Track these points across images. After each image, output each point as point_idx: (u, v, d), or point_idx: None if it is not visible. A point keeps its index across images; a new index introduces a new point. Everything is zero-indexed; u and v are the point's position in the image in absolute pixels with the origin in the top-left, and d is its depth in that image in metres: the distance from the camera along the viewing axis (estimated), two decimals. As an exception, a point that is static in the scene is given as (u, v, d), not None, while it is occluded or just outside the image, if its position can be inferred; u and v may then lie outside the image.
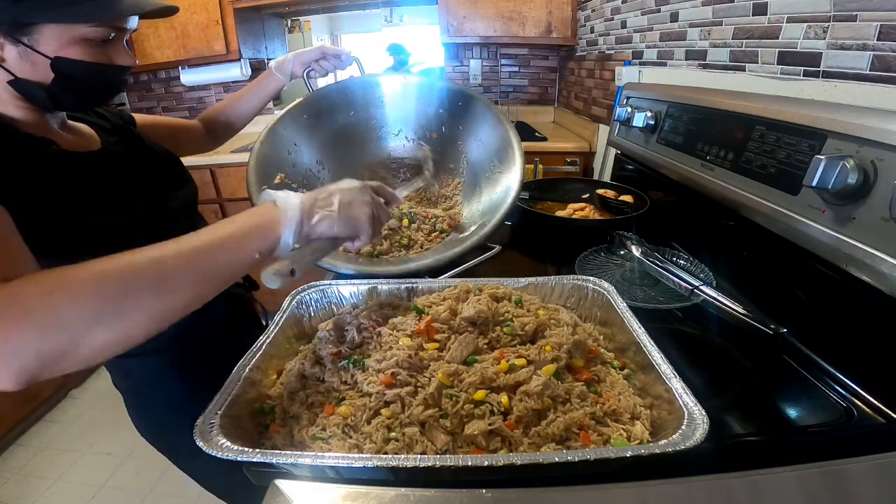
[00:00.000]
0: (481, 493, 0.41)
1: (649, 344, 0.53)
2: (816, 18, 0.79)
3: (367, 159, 1.11)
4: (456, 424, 0.47)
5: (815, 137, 0.65)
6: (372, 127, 1.12)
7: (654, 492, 0.43)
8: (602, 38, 1.88)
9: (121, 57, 0.63)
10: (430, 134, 1.11)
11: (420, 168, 1.05)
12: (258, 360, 0.55)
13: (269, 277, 0.48)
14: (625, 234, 0.91)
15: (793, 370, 0.62)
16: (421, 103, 1.10)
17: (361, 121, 1.11)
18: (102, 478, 1.67)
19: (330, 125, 1.07)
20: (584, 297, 0.68)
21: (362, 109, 1.10)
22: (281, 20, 2.85)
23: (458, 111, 1.07)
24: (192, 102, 2.79)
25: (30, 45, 0.55)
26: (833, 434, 0.53)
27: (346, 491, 0.43)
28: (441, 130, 1.10)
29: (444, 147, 1.09)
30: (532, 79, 2.73)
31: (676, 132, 1.03)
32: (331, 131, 1.08)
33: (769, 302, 0.70)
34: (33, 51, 0.55)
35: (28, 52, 0.55)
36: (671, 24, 1.29)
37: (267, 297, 0.94)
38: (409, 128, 1.12)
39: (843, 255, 0.60)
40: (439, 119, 1.09)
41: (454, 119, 1.08)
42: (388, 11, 3.56)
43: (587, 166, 2.04)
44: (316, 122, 1.05)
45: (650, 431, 0.47)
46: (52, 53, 0.56)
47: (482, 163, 1.03)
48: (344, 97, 1.09)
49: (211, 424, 0.44)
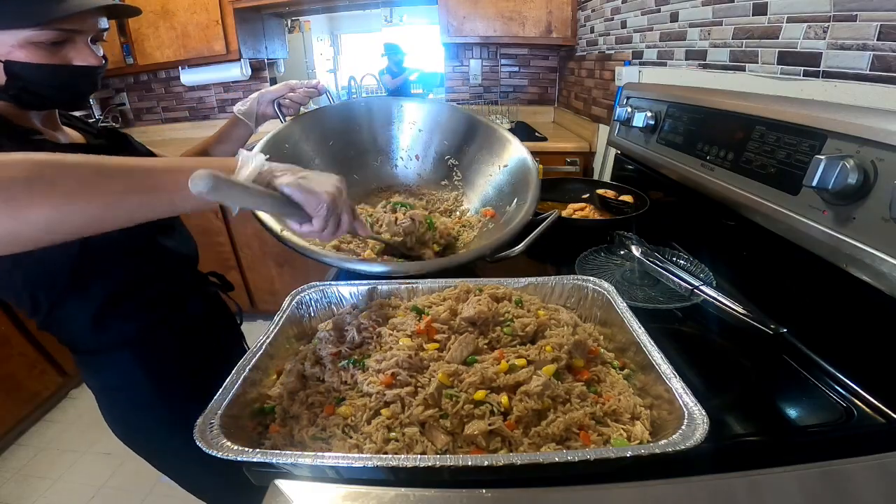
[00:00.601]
0: (481, 493, 0.42)
1: (649, 344, 0.53)
2: (816, 18, 0.79)
3: (356, 187, 1.04)
4: (456, 425, 0.47)
5: (815, 137, 0.65)
6: (359, 152, 1.06)
7: (654, 492, 0.43)
8: (602, 38, 1.88)
9: (79, 57, 0.63)
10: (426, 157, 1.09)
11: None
12: (258, 360, 0.55)
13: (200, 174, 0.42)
14: (625, 234, 0.91)
15: (793, 370, 0.62)
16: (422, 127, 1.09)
17: (343, 148, 1.04)
18: (102, 478, 1.67)
19: (314, 152, 1.00)
20: (584, 297, 0.68)
21: (342, 136, 1.04)
22: (281, 20, 2.85)
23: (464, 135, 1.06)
24: (192, 102, 2.79)
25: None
26: (833, 434, 0.53)
27: (346, 491, 0.43)
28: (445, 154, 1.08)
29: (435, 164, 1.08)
30: (532, 79, 2.73)
31: (676, 132, 1.03)
32: (318, 158, 1.00)
33: (769, 302, 0.70)
34: None
35: None
36: (671, 24, 1.29)
37: (269, 298, 0.93)
38: (411, 152, 1.10)
39: (843, 255, 0.60)
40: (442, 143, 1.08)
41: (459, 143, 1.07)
42: (388, 11, 3.57)
43: (587, 166, 2.04)
44: (297, 150, 0.97)
45: (650, 431, 0.47)
46: (3, 57, 0.58)
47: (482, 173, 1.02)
48: (322, 124, 1.03)
49: (211, 424, 0.44)
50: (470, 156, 1.06)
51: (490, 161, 1.03)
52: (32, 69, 0.60)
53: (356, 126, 1.07)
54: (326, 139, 1.02)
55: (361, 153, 1.07)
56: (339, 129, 1.05)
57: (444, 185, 1.08)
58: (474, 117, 1.08)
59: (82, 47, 0.63)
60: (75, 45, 0.63)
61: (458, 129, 1.07)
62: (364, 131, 1.08)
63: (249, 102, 0.96)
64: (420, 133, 1.09)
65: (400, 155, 1.10)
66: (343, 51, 4.87)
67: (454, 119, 1.08)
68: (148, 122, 2.83)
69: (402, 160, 1.10)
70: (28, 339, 1.82)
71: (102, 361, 0.76)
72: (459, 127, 1.07)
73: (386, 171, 1.10)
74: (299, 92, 0.97)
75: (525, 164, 0.96)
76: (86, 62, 0.64)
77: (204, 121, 2.83)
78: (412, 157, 1.10)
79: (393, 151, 1.10)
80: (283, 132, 0.95)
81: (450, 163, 1.07)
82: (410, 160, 1.10)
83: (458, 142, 1.07)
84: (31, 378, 1.87)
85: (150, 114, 2.82)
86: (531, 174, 0.92)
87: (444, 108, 1.11)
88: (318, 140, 1.01)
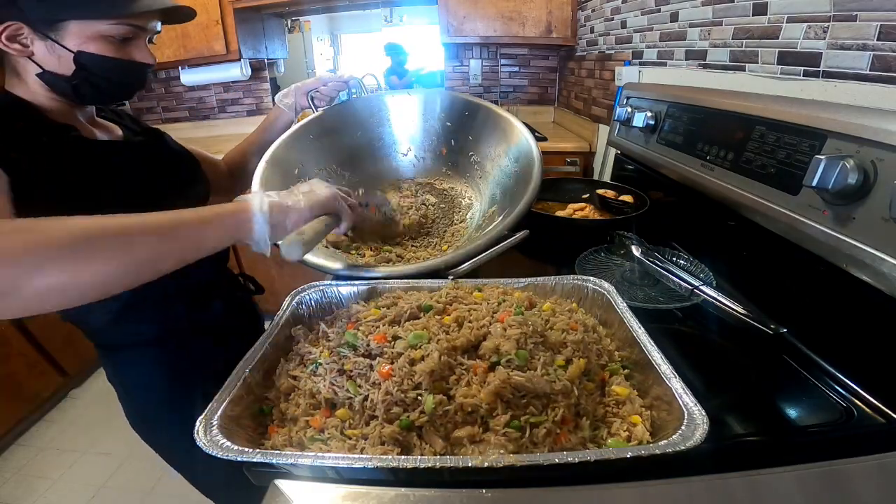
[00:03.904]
0: (481, 493, 0.41)
1: (649, 344, 0.53)
2: (816, 18, 0.79)
3: (376, 178, 1.10)
4: (450, 430, 0.46)
5: (815, 137, 0.65)
6: (379, 146, 1.12)
7: (654, 492, 0.43)
8: (602, 38, 1.88)
9: (140, 54, 0.68)
10: (440, 150, 1.11)
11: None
12: (258, 360, 0.55)
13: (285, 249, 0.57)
14: (625, 234, 0.91)
15: (793, 370, 0.62)
16: (425, 119, 1.10)
17: (368, 140, 1.11)
18: (102, 478, 1.67)
19: (337, 144, 1.07)
20: (584, 297, 0.68)
21: (368, 129, 1.11)
22: (281, 20, 2.85)
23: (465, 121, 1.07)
24: (192, 102, 2.79)
25: (56, 40, 0.60)
26: (833, 434, 0.53)
27: (346, 491, 0.43)
28: (450, 144, 1.10)
29: (457, 160, 1.09)
30: (532, 79, 2.73)
31: (676, 132, 1.03)
32: (338, 150, 1.07)
33: (769, 302, 0.70)
34: (59, 45, 0.60)
35: (54, 46, 0.61)
36: (671, 24, 1.29)
37: (270, 298, 0.94)
38: (417, 145, 1.12)
39: (843, 255, 0.60)
40: (447, 133, 1.09)
41: (462, 131, 1.08)
42: (388, 11, 3.57)
43: (587, 166, 2.04)
44: (321, 141, 1.04)
45: (650, 432, 0.47)
46: (75, 48, 0.61)
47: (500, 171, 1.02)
48: (348, 117, 1.09)
49: (211, 424, 0.44)
50: (484, 149, 1.06)
51: (501, 155, 1.02)
52: (100, 61, 0.63)
53: (377, 121, 1.12)
54: (353, 132, 1.10)
55: (377, 147, 1.12)
56: (359, 123, 1.10)
57: (457, 177, 1.09)
58: (491, 107, 1.08)
59: (142, 45, 0.68)
60: (136, 44, 0.67)
61: (474, 120, 1.08)
62: (378, 127, 1.12)
63: (291, 94, 1.02)
64: (434, 126, 1.11)
65: (415, 147, 1.13)
66: (343, 51, 4.87)
67: (471, 110, 1.09)
68: (148, 122, 2.80)
69: (419, 152, 1.13)
70: (28, 339, 1.82)
71: (123, 358, 0.77)
72: (475, 118, 1.08)
73: (401, 164, 1.14)
74: (330, 85, 1.03)
75: (531, 158, 0.94)
76: (145, 59, 0.68)
77: (204, 121, 2.83)
78: (432, 149, 1.12)
79: (406, 144, 1.13)
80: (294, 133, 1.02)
81: (473, 159, 1.08)
82: (429, 153, 1.12)
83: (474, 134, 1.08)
84: (31, 378, 1.87)
85: (150, 114, 2.82)
86: (534, 170, 0.90)
87: (459, 99, 1.11)
88: (341, 134, 1.08)
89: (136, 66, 0.67)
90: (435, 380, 0.48)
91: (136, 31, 0.65)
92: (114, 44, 0.64)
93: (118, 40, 0.64)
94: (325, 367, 0.53)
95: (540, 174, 0.89)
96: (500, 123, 1.04)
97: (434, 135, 1.11)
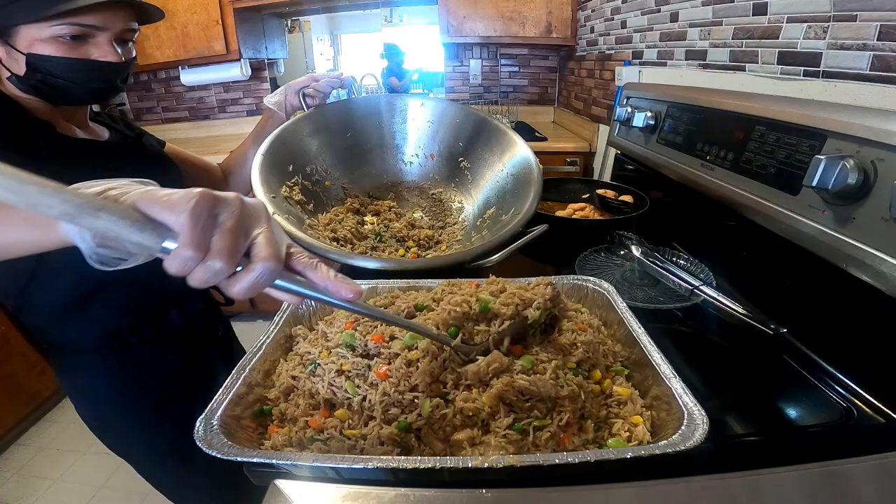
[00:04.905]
0: (481, 493, 0.41)
1: (649, 344, 0.53)
2: (816, 18, 0.79)
3: (366, 179, 1.08)
4: (449, 433, 0.46)
5: (815, 137, 0.65)
6: (369, 148, 1.09)
7: (654, 492, 0.43)
8: (602, 38, 1.88)
9: (99, 52, 0.67)
10: (430, 154, 1.11)
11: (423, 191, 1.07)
12: (258, 360, 0.55)
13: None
14: (625, 234, 0.91)
15: (793, 370, 0.62)
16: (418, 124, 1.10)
17: (356, 142, 1.08)
18: (102, 478, 1.67)
19: (328, 143, 1.04)
20: (584, 297, 0.68)
21: (359, 130, 1.08)
22: (281, 20, 2.85)
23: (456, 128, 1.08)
24: (192, 102, 2.79)
25: (12, 45, 0.63)
26: (833, 434, 0.53)
27: (346, 491, 0.43)
28: (440, 149, 1.10)
29: (447, 165, 1.09)
30: (532, 79, 2.73)
31: (676, 132, 1.03)
32: (332, 148, 1.05)
33: (769, 302, 0.70)
34: (14, 49, 0.63)
35: (11, 50, 0.63)
36: (671, 24, 1.29)
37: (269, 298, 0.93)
38: (409, 149, 1.11)
39: (843, 255, 0.60)
40: (437, 138, 1.10)
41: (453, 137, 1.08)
42: (387, 11, 3.55)
43: (587, 166, 2.04)
44: (313, 139, 1.01)
45: (650, 432, 0.47)
46: (26, 50, 0.63)
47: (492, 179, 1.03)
48: (341, 116, 1.06)
49: (211, 424, 0.44)
50: (477, 155, 1.06)
51: (495, 162, 1.03)
52: (50, 61, 0.63)
53: (372, 121, 1.10)
54: (345, 131, 1.06)
55: (372, 148, 1.10)
56: (352, 123, 1.08)
57: (451, 184, 1.09)
58: (485, 118, 1.09)
59: (103, 44, 0.67)
60: (97, 42, 0.66)
61: (468, 128, 1.08)
62: (376, 127, 1.10)
63: (279, 94, 0.99)
64: (429, 131, 1.10)
65: (408, 151, 1.12)
66: (343, 51, 4.86)
67: (463, 118, 1.09)
68: (148, 122, 2.82)
69: (412, 157, 1.12)
70: (28, 339, 1.82)
71: (70, 362, 0.77)
72: (468, 126, 1.08)
73: (394, 167, 1.12)
74: (323, 81, 1.00)
75: (529, 164, 0.96)
76: (104, 58, 0.67)
77: (204, 121, 2.83)
78: (424, 154, 1.11)
79: (401, 147, 1.12)
80: (290, 127, 0.98)
81: (462, 164, 1.08)
82: (420, 158, 1.12)
83: (467, 141, 1.08)
84: (31, 378, 1.87)
85: (150, 114, 2.82)
86: (533, 173, 0.92)
87: (453, 107, 1.12)
88: (333, 132, 1.05)
89: (94, 64, 0.66)
90: (432, 381, 0.48)
91: (86, 30, 0.64)
92: (66, 44, 0.64)
93: (69, 40, 0.63)
94: (323, 367, 0.53)
95: (540, 174, 0.90)
96: (486, 128, 1.06)
97: (426, 140, 1.11)
